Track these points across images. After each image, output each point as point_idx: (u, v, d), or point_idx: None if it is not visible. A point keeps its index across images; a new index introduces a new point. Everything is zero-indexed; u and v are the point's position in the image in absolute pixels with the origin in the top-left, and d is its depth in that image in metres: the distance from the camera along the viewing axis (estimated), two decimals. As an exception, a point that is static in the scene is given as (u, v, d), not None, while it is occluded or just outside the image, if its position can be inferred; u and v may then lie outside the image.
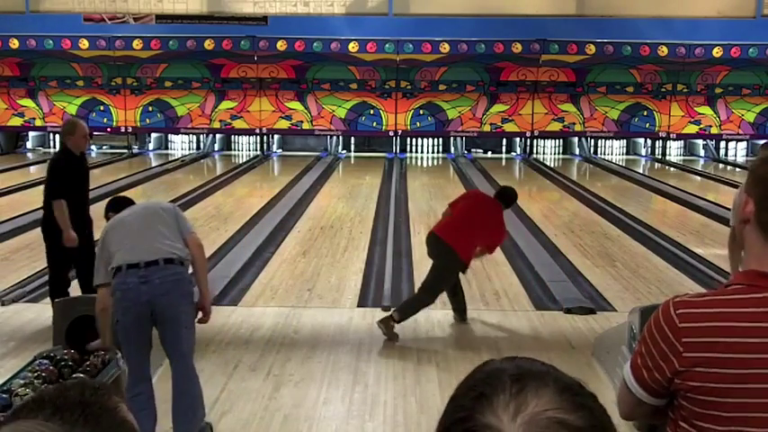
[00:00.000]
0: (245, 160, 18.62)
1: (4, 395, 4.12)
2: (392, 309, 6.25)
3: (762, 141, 19.48)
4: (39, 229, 6.37)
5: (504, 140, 19.96)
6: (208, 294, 4.40)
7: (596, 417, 0.92)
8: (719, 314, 1.71)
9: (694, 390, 1.72)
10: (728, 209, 11.54)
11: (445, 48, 17.69)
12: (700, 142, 19.84)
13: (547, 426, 0.88)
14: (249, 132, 19.02)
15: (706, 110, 18.55)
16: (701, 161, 19.44)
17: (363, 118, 18.56)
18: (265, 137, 19.48)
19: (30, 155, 19.27)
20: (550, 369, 0.96)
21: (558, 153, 20.02)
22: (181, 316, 4.14)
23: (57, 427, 0.96)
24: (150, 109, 18.59)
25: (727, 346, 1.68)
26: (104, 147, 19.99)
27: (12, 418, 0.99)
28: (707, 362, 1.70)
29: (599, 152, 19.81)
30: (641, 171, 17.54)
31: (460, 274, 6.37)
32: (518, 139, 19.69)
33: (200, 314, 4.34)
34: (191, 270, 4.36)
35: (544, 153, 19.87)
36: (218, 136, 19.65)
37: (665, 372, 1.75)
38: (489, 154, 19.81)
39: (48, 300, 6.28)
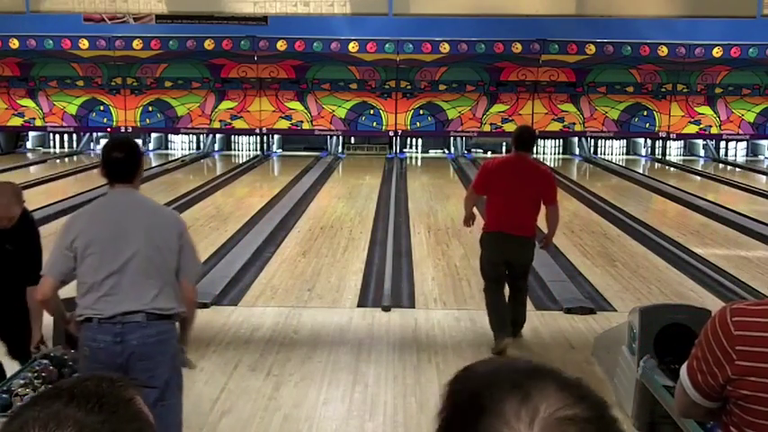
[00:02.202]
0: (245, 160, 18.63)
1: (4, 395, 4.12)
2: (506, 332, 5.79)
3: (763, 141, 19.55)
4: (39, 229, 6.34)
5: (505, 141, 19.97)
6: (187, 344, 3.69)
7: (597, 403, 0.93)
8: None
9: (745, 398, 1.71)
10: (728, 209, 11.60)
11: (445, 48, 17.69)
12: (700, 142, 19.84)
13: (560, 425, 0.88)
14: (249, 132, 19.02)
15: (706, 110, 18.55)
16: (701, 161, 19.44)
17: (363, 118, 18.56)
18: (265, 137, 19.49)
19: (30, 155, 19.26)
20: (533, 364, 0.96)
21: (558, 153, 20.02)
22: (161, 388, 3.37)
23: (73, 414, 0.98)
24: (150, 109, 18.59)
25: None
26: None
27: (29, 405, 1.00)
28: (760, 372, 1.68)
29: (599, 152, 19.81)
30: (641, 171, 17.54)
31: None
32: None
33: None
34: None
35: (544, 153, 19.86)
36: (218, 136, 19.65)
37: (718, 378, 1.74)
38: (489, 154, 19.81)
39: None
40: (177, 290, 3.46)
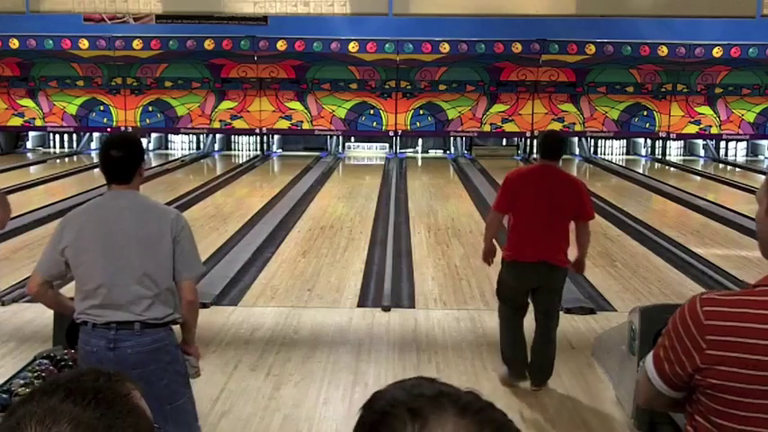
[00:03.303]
0: (245, 160, 18.63)
1: (4, 395, 4.12)
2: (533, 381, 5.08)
3: (763, 141, 19.55)
4: (39, 229, 6.37)
5: (504, 140, 20.00)
6: (194, 344, 3.63)
7: (500, 427, 0.91)
8: (745, 314, 1.71)
9: (714, 387, 1.72)
10: (728, 209, 11.61)
11: (445, 48, 17.68)
12: (700, 142, 19.84)
13: None
14: (249, 132, 19.02)
15: (706, 110, 18.55)
16: (701, 161, 19.44)
17: (363, 118, 18.56)
18: (265, 137, 19.49)
19: (30, 155, 19.27)
20: (442, 388, 0.94)
21: (558, 153, 19.98)
22: (161, 391, 3.27)
23: (69, 410, 0.98)
24: (150, 109, 18.59)
25: (750, 347, 1.69)
26: None
27: (27, 399, 1.00)
28: (728, 361, 1.70)
29: (599, 152, 19.81)
30: (641, 171, 17.54)
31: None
32: (516, 139, 19.71)
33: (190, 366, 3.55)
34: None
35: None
36: (218, 136, 19.65)
37: (686, 367, 1.75)
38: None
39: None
40: (175, 294, 3.36)
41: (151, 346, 3.28)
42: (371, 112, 18.53)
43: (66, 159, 18.83)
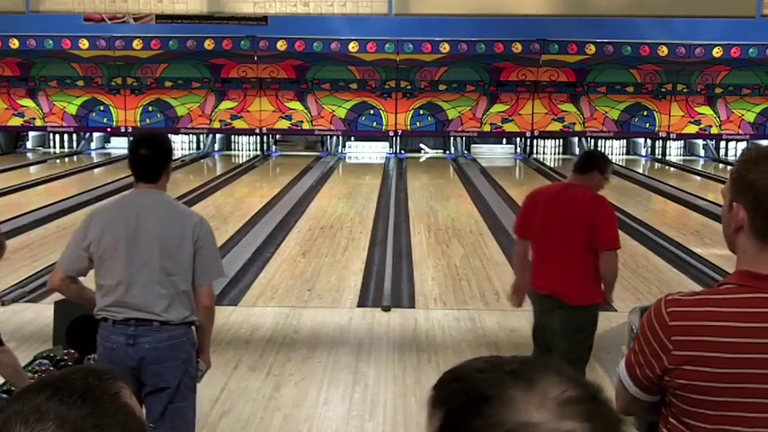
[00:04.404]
0: (245, 160, 18.63)
1: (3, 395, 4.12)
2: None
3: (763, 141, 19.53)
4: (38, 230, 6.37)
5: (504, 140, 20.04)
6: (208, 354, 3.67)
7: (591, 385, 0.95)
8: (710, 313, 1.72)
9: (683, 387, 1.74)
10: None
11: (445, 48, 17.68)
12: (700, 142, 19.85)
13: (568, 405, 0.89)
14: (249, 132, 19.02)
15: (706, 110, 18.54)
16: (701, 161, 19.45)
17: (363, 118, 18.56)
18: (265, 137, 19.49)
19: (30, 155, 19.27)
20: (531, 358, 0.98)
21: (558, 153, 20.03)
22: (172, 389, 3.35)
23: (54, 408, 0.97)
24: (150, 109, 18.58)
25: (716, 346, 1.70)
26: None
27: (16, 398, 1.00)
28: (696, 360, 1.71)
29: (599, 152, 19.80)
30: (641, 171, 17.55)
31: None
32: (515, 139, 19.73)
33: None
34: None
35: (544, 153, 19.88)
36: (218, 136, 19.66)
37: (655, 369, 1.77)
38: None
39: (48, 299, 6.28)
40: (191, 298, 3.38)
41: (168, 342, 3.31)
42: (371, 112, 18.52)
43: (66, 159, 18.84)
